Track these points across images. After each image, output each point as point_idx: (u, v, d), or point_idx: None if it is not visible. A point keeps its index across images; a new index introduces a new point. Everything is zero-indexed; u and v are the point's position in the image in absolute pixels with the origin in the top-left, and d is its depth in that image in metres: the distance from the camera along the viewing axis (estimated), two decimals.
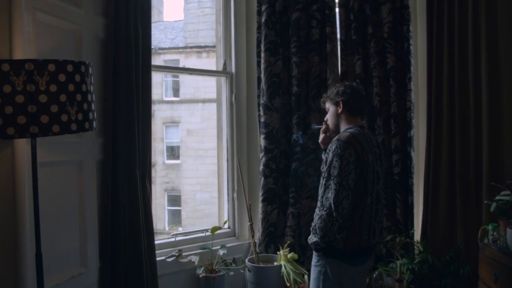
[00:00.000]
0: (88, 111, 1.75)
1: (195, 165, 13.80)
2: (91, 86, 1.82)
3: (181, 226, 13.31)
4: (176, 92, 14.45)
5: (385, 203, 3.34)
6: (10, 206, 2.04)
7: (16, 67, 1.55)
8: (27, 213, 2.05)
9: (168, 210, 14.20)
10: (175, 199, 14.23)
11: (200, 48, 13.90)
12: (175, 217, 14.16)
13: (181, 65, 13.41)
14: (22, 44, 2.01)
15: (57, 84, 1.62)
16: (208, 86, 13.06)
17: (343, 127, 2.37)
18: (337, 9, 3.47)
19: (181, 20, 15.16)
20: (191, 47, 14.04)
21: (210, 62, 13.31)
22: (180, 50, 14.18)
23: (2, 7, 1.99)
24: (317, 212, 2.29)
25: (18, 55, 2.01)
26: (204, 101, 13.74)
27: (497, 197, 2.46)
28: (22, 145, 2.03)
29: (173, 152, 14.35)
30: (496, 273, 2.34)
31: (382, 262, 3.21)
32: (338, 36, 3.47)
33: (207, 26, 13.76)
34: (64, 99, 1.63)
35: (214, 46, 13.21)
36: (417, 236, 3.40)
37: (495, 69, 2.99)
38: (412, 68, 3.48)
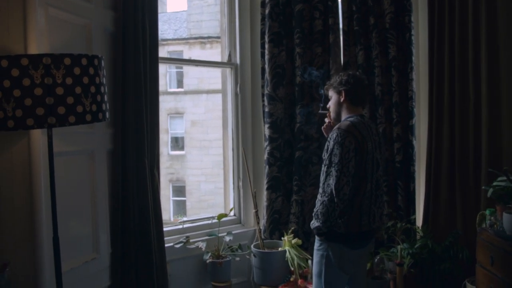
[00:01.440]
0: (101, 102, 1.85)
1: (200, 155, 13.89)
2: (104, 79, 1.91)
3: (186, 217, 13.45)
4: (180, 83, 14.51)
5: (385, 190, 3.43)
6: (27, 194, 2.13)
7: (34, 61, 1.64)
8: (43, 200, 2.15)
9: (173, 200, 14.34)
10: (179, 190, 14.36)
11: (204, 39, 13.92)
12: (180, 208, 14.30)
13: (185, 56, 13.44)
14: (36, 39, 2.09)
15: (73, 77, 1.71)
16: (212, 77, 13.08)
17: (344, 115, 2.45)
18: (339, 0, 3.53)
19: (184, 11, 15.17)
20: (195, 38, 14.06)
21: (213, 52, 13.34)
22: (184, 41, 14.22)
23: (17, 4, 2.07)
24: (319, 198, 2.37)
25: (33, 49, 2.09)
26: (208, 92, 13.77)
27: (494, 183, 2.55)
28: (38, 136, 2.13)
29: (177, 143, 14.45)
30: (493, 256, 2.43)
31: (384, 248, 3.30)
32: (341, 27, 3.52)
33: (211, 17, 13.77)
34: (79, 91, 1.72)
35: (217, 37, 13.21)
36: (419, 222, 3.49)
37: (495, 59, 3.05)
38: (413, 58, 3.54)
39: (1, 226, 2.09)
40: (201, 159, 13.97)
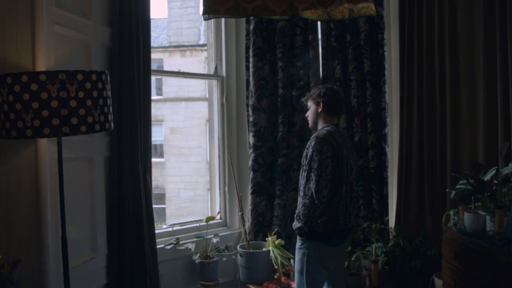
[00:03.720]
0: (107, 113, 2.05)
1: (179, 163, 13.87)
2: (109, 92, 2.11)
3: (165, 224, 13.41)
4: (159, 90, 14.54)
5: (361, 194, 3.70)
6: (33, 196, 2.29)
7: (51, 77, 1.83)
8: (49, 203, 2.32)
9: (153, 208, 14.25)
10: (159, 197, 14.30)
11: (184, 47, 14.00)
12: (159, 215, 14.27)
13: (165, 64, 13.55)
14: (43, 55, 2.27)
15: (84, 91, 1.90)
16: (192, 85, 13.17)
17: (320, 124, 2.70)
18: None
19: (164, 18, 15.23)
20: (175, 46, 14.14)
21: (193, 60, 13.47)
22: (164, 49, 14.28)
23: (26, 23, 2.25)
24: (300, 201, 2.59)
25: (40, 64, 2.27)
26: (187, 99, 13.83)
27: (457, 186, 2.84)
28: (44, 143, 2.31)
29: (156, 150, 14.45)
30: (456, 251, 2.71)
31: (360, 247, 3.56)
32: (320, 43, 3.79)
33: (191, 25, 13.88)
34: (89, 104, 1.92)
35: (198, 45, 13.27)
36: (391, 223, 3.77)
37: (456, 75, 3.37)
38: (386, 72, 3.84)
39: (10, 227, 2.24)
40: (180, 167, 13.96)
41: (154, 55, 14.26)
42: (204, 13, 3.31)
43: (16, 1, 2.22)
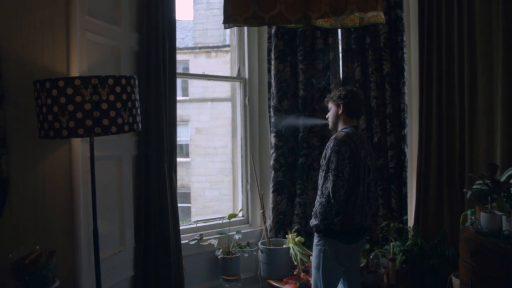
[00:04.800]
0: (136, 115, 2.20)
1: (204, 162, 14.02)
2: (137, 95, 2.26)
3: (190, 223, 13.59)
4: (185, 91, 14.77)
5: (380, 193, 3.77)
6: (67, 193, 2.47)
7: (85, 82, 2.00)
8: (82, 198, 2.48)
9: (178, 207, 14.46)
10: (184, 196, 14.49)
11: (209, 48, 14.18)
12: (185, 214, 14.46)
13: (190, 65, 13.77)
14: (77, 61, 2.45)
15: (115, 95, 2.06)
16: (217, 86, 13.34)
17: (340, 126, 2.78)
18: None
19: (190, 20, 15.48)
20: (200, 48, 14.34)
21: (218, 61, 13.61)
22: (190, 50, 14.50)
23: (61, 31, 2.43)
24: (318, 200, 2.68)
25: (74, 70, 2.44)
26: (213, 100, 13.98)
27: (474, 186, 2.88)
28: (77, 143, 2.48)
29: (182, 150, 14.68)
30: (472, 250, 2.75)
31: (379, 245, 3.63)
32: (340, 45, 3.88)
33: (216, 26, 14.06)
34: (119, 106, 2.08)
35: (223, 46, 13.39)
36: (410, 222, 3.82)
37: (475, 76, 3.40)
38: (405, 74, 3.89)
39: (46, 220, 2.43)
40: (205, 166, 14.10)
41: (180, 56, 14.54)
42: (224, 22, 3.47)
43: (53, 13, 2.40)
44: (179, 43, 15.03)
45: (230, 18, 3.47)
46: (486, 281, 2.65)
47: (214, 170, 13.79)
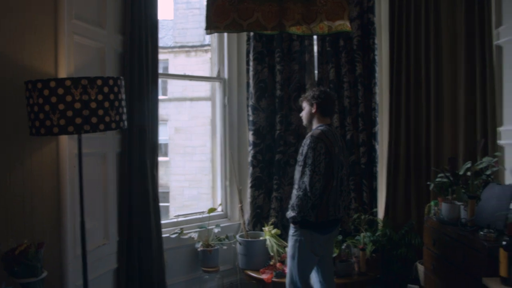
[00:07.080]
0: (122, 113, 2.33)
1: (183, 162, 14.02)
2: (124, 95, 2.40)
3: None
4: (164, 90, 14.75)
5: (352, 187, 3.98)
6: (55, 187, 2.58)
7: (75, 82, 2.12)
8: (68, 192, 2.60)
9: None
10: (163, 196, 14.42)
11: (189, 48, 14.19)
12: (164, 213, 14.37)
13: (170, 64, 13.79)
14: (64, 62, 2.56)
15: (103, 94, 2.19)
16: (196, 85, 13.38)
17: (315, 124, 2.96)
18: None
19: (170, 20, 15.45)
20: (180, 47, 14.34)
21: (198, 61, 13.65)
22: (170, 49, 14.49)
23: (50, 33, 2.54)
24: (295, 193, 2.85)
25: (61, 71, 2.55)
26: (192, 99, 13.99)
27: (436, 179, 3.12)
28: (64, 140, 2.59)
29: (161, 149, 14.66)
30: (434, 238, 2.99)
31: (351, 236, 3.84)
32: (315, 47, 4.07)
33: (196, 25, 14.08)
34: (107, 105, 2.21)
35: (202, 45, 13.37)
36: (380, 214, 4.05)
37: (440, 78, 3.66)
38: (377, 75, 4.10)
39: (34, 213, 2.52)
40: (184, 165, 14.09)
41: (160, 56, 14.37)
42: (206, 29, 3.75)
43: (42, 17, 2.51)
44: (159, 43, 14.92)
45: (212, 25, 3.71)
46: (446, 266, 2.87)
47: (193, 169, 13.79)
